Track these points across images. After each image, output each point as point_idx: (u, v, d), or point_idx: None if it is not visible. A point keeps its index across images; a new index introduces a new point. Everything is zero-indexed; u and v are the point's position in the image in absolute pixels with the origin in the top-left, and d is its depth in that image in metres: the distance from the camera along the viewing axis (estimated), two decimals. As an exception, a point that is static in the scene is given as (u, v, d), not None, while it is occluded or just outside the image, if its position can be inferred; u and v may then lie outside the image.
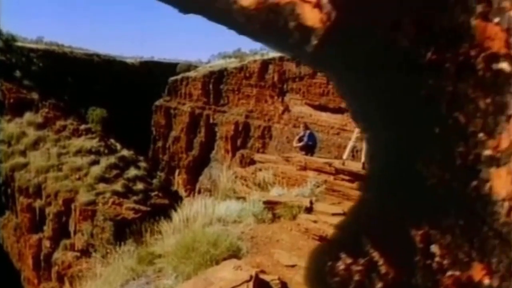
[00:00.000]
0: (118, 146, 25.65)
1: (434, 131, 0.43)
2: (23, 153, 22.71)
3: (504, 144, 0.43)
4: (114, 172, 22.62)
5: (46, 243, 20.61)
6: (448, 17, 0.42)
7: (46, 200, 21.00)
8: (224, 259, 4.61)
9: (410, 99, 0.44)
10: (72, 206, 20.52)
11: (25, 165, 22.03)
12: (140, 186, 22.91)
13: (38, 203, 21.13)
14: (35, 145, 23.14)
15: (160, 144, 39.20)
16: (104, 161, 22.83)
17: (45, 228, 21.02)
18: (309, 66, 0.45)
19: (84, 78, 34.18)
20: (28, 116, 24.35)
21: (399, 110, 0.44)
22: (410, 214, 0.44)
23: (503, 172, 0.44)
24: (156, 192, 23.36)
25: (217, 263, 4.55)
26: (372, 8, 0.44)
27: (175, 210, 6.74)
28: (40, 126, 24.10)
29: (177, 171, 37.22)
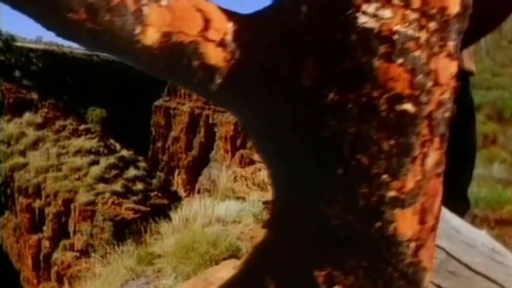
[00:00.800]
0: (118, 146, 25.69)
1: (337, 172, 0.43)
2: (22, 153, 22.75)
3: (410, 185, 0.43)
4: (114, 172, 22.66)
5: (46, 243, 20.65)
6: (351, 57, 0.42)
7: (45, 200, 21.04)
8: (224, 259, 4.62)
9: (312, 140, 0.43)
10: (72, 206, 20.55)
11: (24, 165, 22.08)
12: (139, 186, 22.94)
13: (37, 203, 21.17)
14: (34, 145, 23.19)
15: (159, 144, 39.29)
16: (104, 161, 22.87)
17: (44, 228, 21.06)
18: (214, 103, 0.45)
19: (83, 78, 34.28)
20: (27, 116, 24.40)
21: (302, 150, 0.44)
22: (313, 255, 0.44)
23: (408, 213, 0.43)
24: (155, 192, 23.38)
25: (217, 263, 4.56)
26: (275, 48, 0.44)
27: (175, 210, 6.76)
28: (39, 126, 24.15)
29: (176, 171, 37.31)
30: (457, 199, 1.01)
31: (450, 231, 0.73)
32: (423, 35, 0.43)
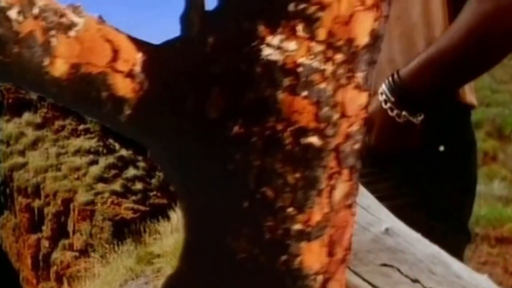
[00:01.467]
0: (117, 145, 25.70)
1: (242, 205, 0.42)
2: (21, 153, 22.74)
3: (316, 218, 0.42)
4: (113, 172, 22.66)
5: (45, 243, 20.66)
6: (255, 90, 0.42)
7: (44, 200, 21.03)
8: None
9: (218, 173, 0.43)
10: (71, 206, 20.53)
11: (23, 165, 22.07)
12: (139, 186, 22.94)
13: (36, 203, 21.16)
14: (33, 145, 23.18)
15: (160, 143, 39.36)
16: (103, 161, 22.87)
17: (43, 228, 21.06)
18: (124, 134, 0.45)
19: (84, 78, 34.35)
20: (26, 116, 24.41)
21: (208, 183, 0.44)
22: (220, 287, 0.44)
23: (315, 245, 0.43)
24: (155, 192, 23.39)
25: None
26: (183, 79, 0.43)
27: (174, 210, 6.77)
28: (38, 126, 24.15)
29: (177, 170, 37.44)
30: (458, 233, 1.00)
31: (451, 277, 0.72)
32: (329, 67, 0.43)
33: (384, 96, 0.88)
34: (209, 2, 0.45)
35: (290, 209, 0.42)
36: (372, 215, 0.64)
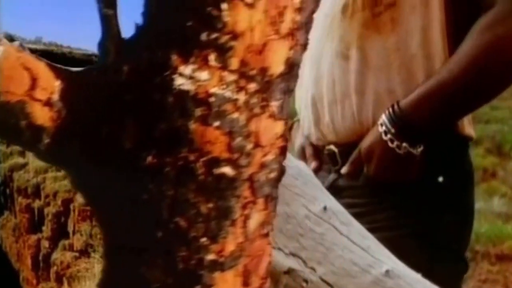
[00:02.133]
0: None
1: (156, 235, 0.42)
2: (21, 153, 22.80)
3: (230, 247, 0.42)
4: (113, 172, 22.65)
5: (45, 244, 20.69)
6: (168, 120, 0.41)
7: (45, 201, 21.08)
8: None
9: (132, 203, 0.43)
10: (71, 207, 20.57)
11: (23, 166, 22.13)
12: (139, 185, 22.91)
13: (37, 204, 21.20)
14: (34, 145, 23.16)
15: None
16: (103, 161, 22.85)
17: (44, 228, 21.11)
18: (45, 162, 0.45)
19: (84, 78, 34.48)
20: (27, 116, 24.40)
21: (124, 212, 0.43)
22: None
23: (229, 275, 0.43)
24: (155, 192, 23.34)
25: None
26: (99, 108, 0.43)
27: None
28: (39, 126, 24.16)
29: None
30: (456, 263, 1.00)
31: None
32: (241, 97, 0.42)
33: (384, 127, 0.89)
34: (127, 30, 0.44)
35: (203, 239, 0.42)
36: (372, 257, 0.64)
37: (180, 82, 0.42)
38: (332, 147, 0.99)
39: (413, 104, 0.89)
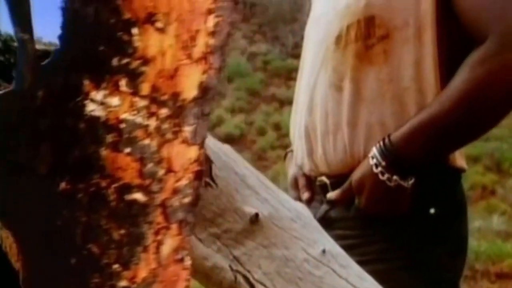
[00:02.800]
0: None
1: (70, 261, 0.42)
2: None
3: (142, 274, 0.42)
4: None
5: None
6: (80, 146, 0.41)
7: None
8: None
9: (47, 229, 0.43)
10: None
11: None
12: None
13: None
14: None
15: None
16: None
17: None
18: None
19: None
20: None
21: (39, 238, 0.44)
22: None
23: (144, 301, 0.43)
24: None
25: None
26: (15, 132, 0.43)
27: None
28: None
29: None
30: None
31: None
32: (152, 123, 0.42)
33: (375, 160, 0.89)
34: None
35: (115, 266, 0.42)
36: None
37: (91, 108, 0.42)
38: (324, 178, 0.99)
39: (404, 137, 0.88)
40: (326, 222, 0.93)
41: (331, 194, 0.96)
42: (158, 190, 0.42)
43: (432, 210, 0.94)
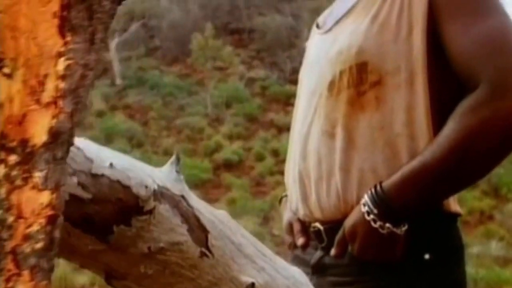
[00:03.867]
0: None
1: None
2: None
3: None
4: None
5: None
6: None
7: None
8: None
9: None
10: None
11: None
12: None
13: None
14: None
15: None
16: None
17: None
18: None
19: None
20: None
21: None
22: None
23: None
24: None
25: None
26: None
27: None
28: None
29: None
30: None
31: None
32: (1, 170, 0.42)
33: (366, 208, 0.89)
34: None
35: None
36: None
37: None
38: (317, 224, 0.99)
39: (395, 185, 0.88)
40: (320, 268, 0.93)
41: (332, 251, 0.96)
42: (7, 238, 0.41)
43: (427, 256, 0.93)
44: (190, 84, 27.93)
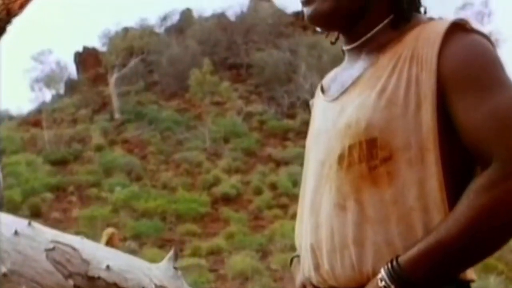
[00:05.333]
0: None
1: None
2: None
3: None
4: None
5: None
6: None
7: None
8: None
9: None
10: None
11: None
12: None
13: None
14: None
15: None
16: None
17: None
18: None
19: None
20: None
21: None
22: None
23: None
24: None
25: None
26: None
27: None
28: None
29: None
30: None
31: None
32: None
33: (383, 283, 0.90)
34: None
35: None
36: None
37: None
38: None
39: (412, 261, 0.89)
40: None
41: None
42: None
43: None
44: (189, 119, 28.01)
